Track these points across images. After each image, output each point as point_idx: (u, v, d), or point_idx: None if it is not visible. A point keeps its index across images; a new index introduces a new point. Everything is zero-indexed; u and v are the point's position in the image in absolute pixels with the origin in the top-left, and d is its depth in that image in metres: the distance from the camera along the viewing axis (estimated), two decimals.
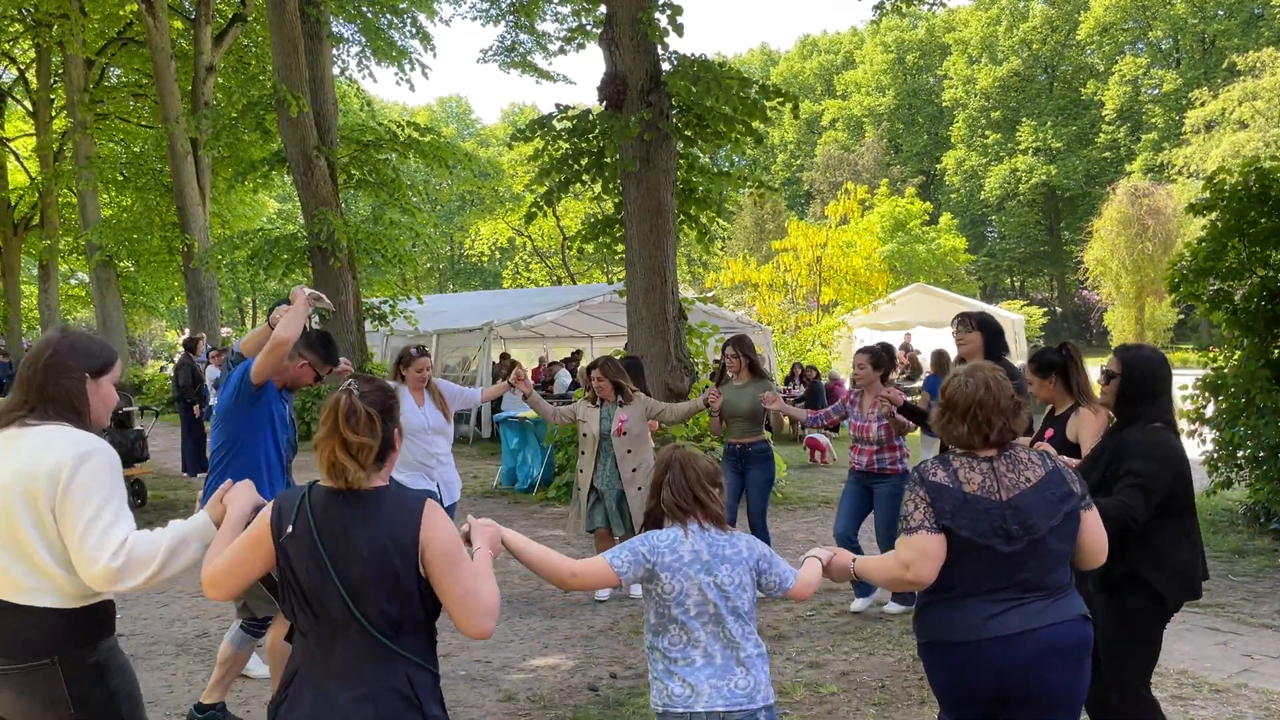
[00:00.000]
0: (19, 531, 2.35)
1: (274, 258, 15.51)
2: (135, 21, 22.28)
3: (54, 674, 2.35)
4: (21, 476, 2.36)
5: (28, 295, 32.05)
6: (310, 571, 2.23)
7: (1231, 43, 49.86)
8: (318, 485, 2.32)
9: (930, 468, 2.86)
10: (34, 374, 2.50)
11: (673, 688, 2.71)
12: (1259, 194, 8.19)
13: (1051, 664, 2.74)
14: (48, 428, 2.44)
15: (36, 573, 2.36)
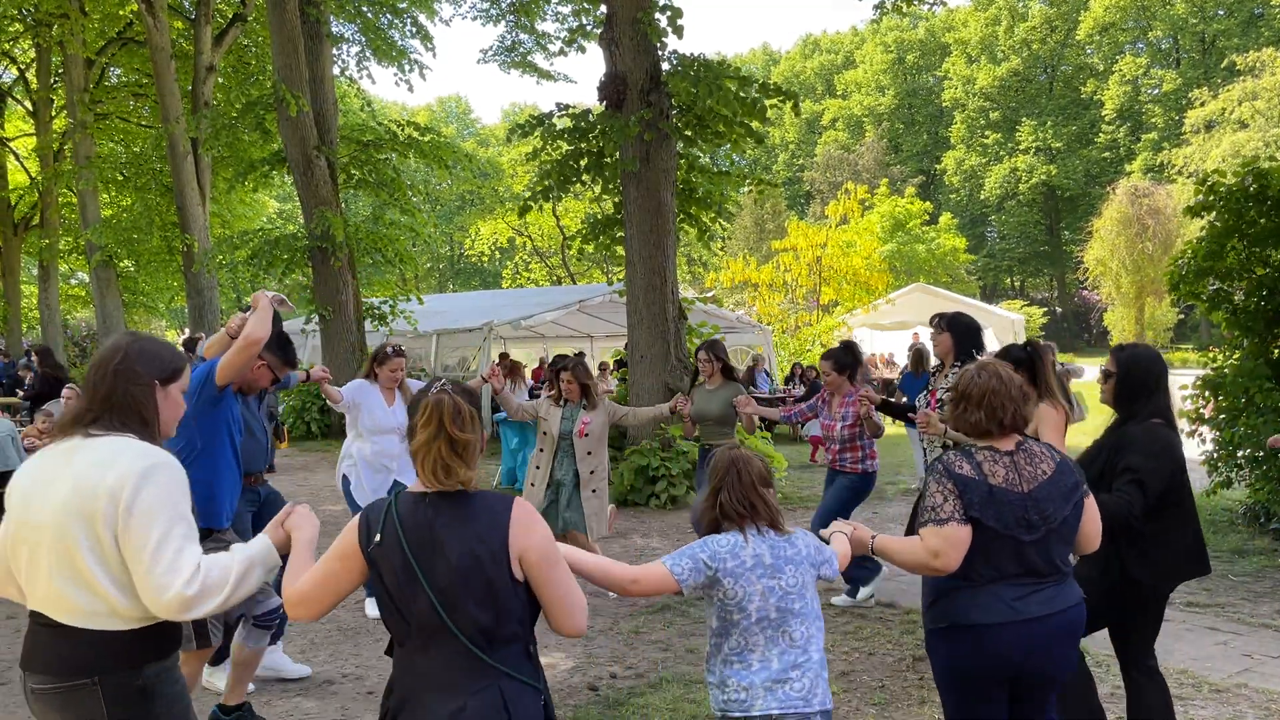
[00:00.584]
0: (76, 557, 2.23)
1: (274, 258, 15.51)
2: (135, 21, 22.27)
3: (95, 694, 2.24)
4: (80, 494, 2.24)
5: (28, 295, 32.03)
6: (401, 580, 2.19)
7: (1231, 42, 49.86)
8: (404, 491, 2.29)
9: (955, 461, 2.99)
10: (101, 379, 2.39)
11: (730, 692, 2.73)
12: (1257, 194, 8.20)
13: (1063, 643, 3.00)
14: (111, 439, 2.33)
15: (92, 595, 2.25)
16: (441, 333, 17.78)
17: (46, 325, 28.34)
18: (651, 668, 5.25)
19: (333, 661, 5.47)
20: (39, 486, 2.31)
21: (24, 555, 2.30)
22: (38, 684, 2.27)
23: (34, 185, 27.64)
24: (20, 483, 2.36)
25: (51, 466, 2.32)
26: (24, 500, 2.32)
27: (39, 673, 2.27)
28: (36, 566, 2.28)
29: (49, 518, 2.25)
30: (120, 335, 2.55)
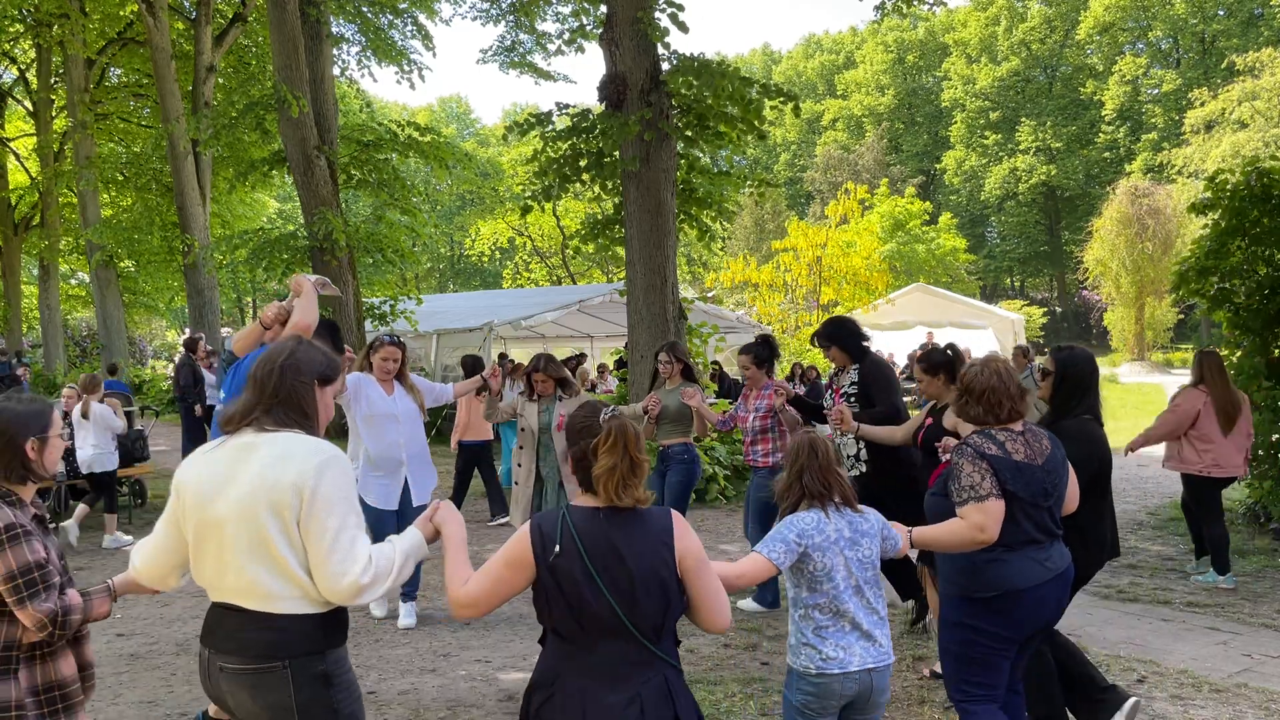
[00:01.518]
0: (270, 545, 2.36)
1: (274, 257, 15.52)
2: (135, 21, 22.27)
3: (285, 678, 2.37)
4: (265, 487, 2.37)
5: (28, 295, 32.03)
6: (579, 587, 2.38)
7: (1231, 43, 49.85)
8: (575, 506, 2.49)
9: (983, 443, 3.37)
10: (269, 375, 2.51)
11: (827, 652, 3.02)
12: (1260, 194, 8.21)
13: (1066, 593, 3.50)
14: (285, 435, 2.46)
15: (287, 581, 2.38)
16: (441, 333, 17.78)
17: (46, 325, 28.34)
18: None
19: None
20: (216, 481, 2.43)
21: (212, 549, 2.42)
22: (229, 663, 2.40)
23: (34, 185, 27.65)
24: (192, 478, 2.48)
25: (227, 462, 2.45)
26: (201, 496, 2.44)
27: (230, 654, 2.40)
28: (227, 557, 2.40)
29: (233, 510, 2.38)
30: (288, 339, 2.71)
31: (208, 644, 2.47)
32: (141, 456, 10.56)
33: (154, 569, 2.59)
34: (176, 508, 2.50)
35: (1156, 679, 4.93)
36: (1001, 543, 3.31)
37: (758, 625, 5.96)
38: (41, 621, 2.54)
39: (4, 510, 2.57)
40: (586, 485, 2.51)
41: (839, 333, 5.90)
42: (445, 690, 4.97)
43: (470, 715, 4.65)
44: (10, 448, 2.65)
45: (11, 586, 2.51)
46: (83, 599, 2.67)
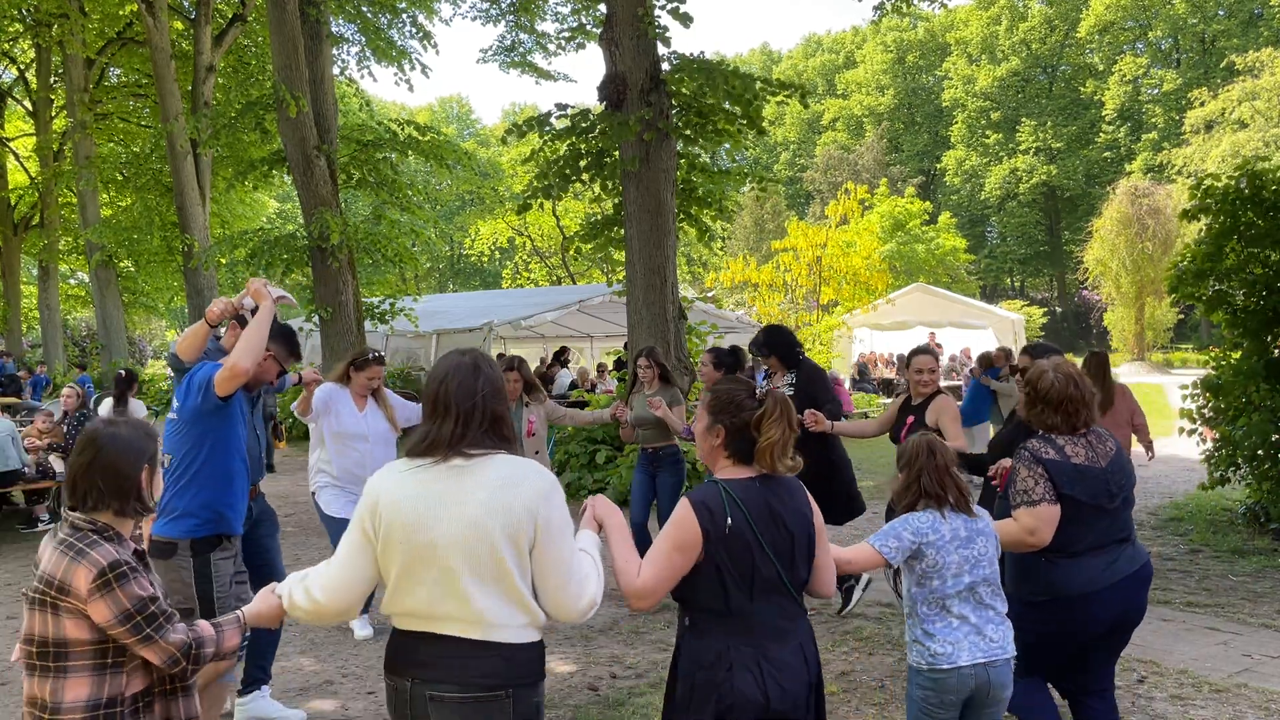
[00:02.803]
0: (506, 570, 2.28)
1: (274, 257, 15.51)
2: (135, 21, 22.27)
3: (505, 707, 2.29)
4: (498, 512, 2.27)
5: (28, 295, 32.03)
6: (751, 554, 2.54)
7: (1231, 43, 49.86)
8: (725, 479, 2.62)
9: (1040, 448, 3.45)
10: (467, 397, 2.38)
11: (934, 648, 3.12)
12: (1252, 196, 8.20)
13: (1144, 594, 3.51)
14: (498, 457, 2.36)
15: (518, 609, 2.31)
16: (441, 333, 17.79)
17: (46, 325, 28.34)
18: (651, 668, 5.25)
19: (333, 660, 5.47)
20: (432, 506, 2.29)
21: (429, 576, 2.29)
22: (445, 693, 2.28)
23: (34, 185, 27.65)
24: (398, 504, 2.32)
25: (438, 488, 2.31)
26: (416, 522, 2.29)
27: (448, 683, 2.28)
28: (450, 585, 2.28)
29: (460, 536, 2.26)
30: (470, 355, 2.51)
31: (411, 675, 2.32)
32: None
33: (341, 601, 2.39)
34: (370, 533, 2.34)
35: (1156, 679, 4.93)
36: (1062, 548, 3.38)
37: None
38: (173, 655, 2.40)
39: (107, 547, 2.40)
40: (742, 457, 2.64)
41: (776, 341, 6.23)
42: None
43: None
44: (130, 481, 2.49)
45: (131, 626, 2.36)
46: (214, 630, 2.51)
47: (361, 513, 2.36)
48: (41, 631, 2.39)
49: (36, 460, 9.37)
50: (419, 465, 2.34)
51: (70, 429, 9.51)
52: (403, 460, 2.40)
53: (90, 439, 2.51)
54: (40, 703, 2.40)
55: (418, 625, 2.34)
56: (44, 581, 2.39)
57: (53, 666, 2.38)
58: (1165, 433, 10.46)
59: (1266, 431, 7.91)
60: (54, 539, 2.47)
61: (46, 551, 2.45)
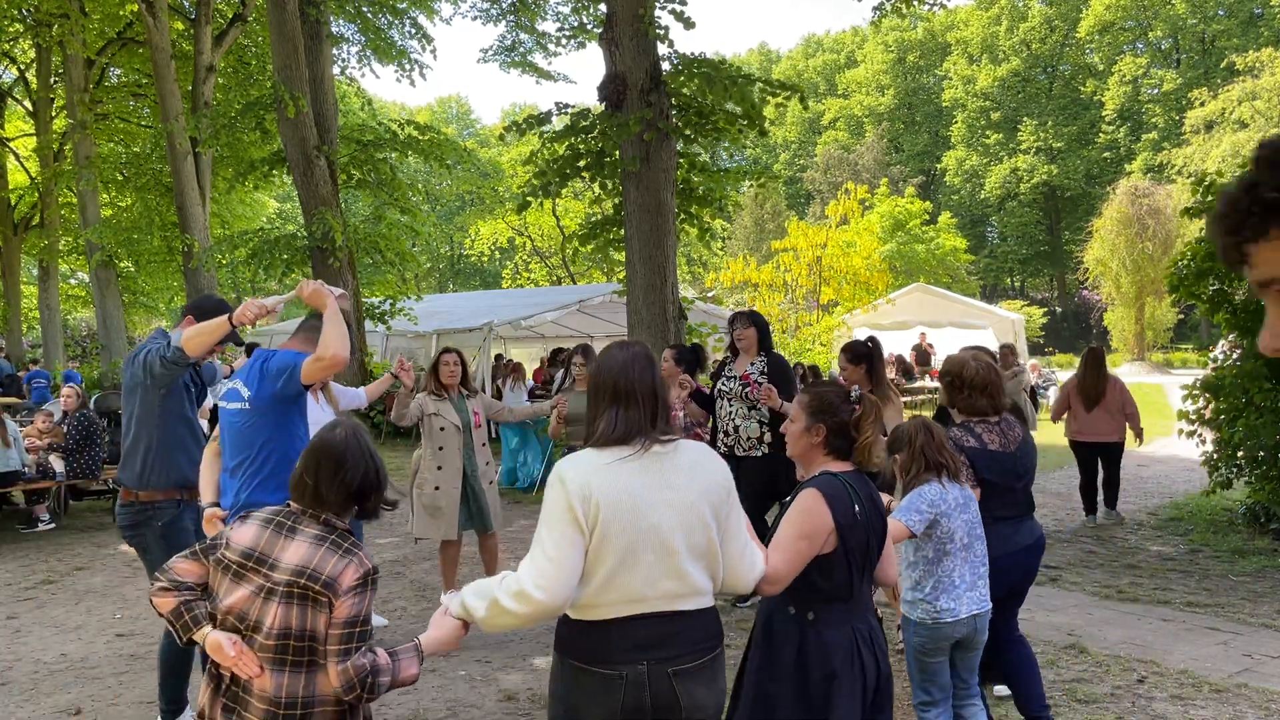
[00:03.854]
0: (712, 544, 2.45)
1: (274, 257, 15.52)
2: (135, 21, 22.25)
3: (722, 662, 2.52)
4: (706, 490, 2.44)
5: (28, 295, 32.02)
6: (864, 542, 2.78)
7: (1231, 43, 49.85)
8: (838, 472, 2.84)
9: (961, 436, 3.88)
10: (650, 387, 2.49)
11: (941, 604, 3.54)
12: None
13: (1037, 561, 4.10)
14: (683, 443, 2.52)
15: (712, 578, 2.49)
16: (441, 333, 17.77)
17: (46, 325, 28.33)
18: None
19: None
20: (647, 494, 2.38)
21: (649, 558, 2.37)
22: (685, 665, 2.40)
23: (34, 185, 27.63)
24: (615, 493, 2.36)
25: (651, 475, 2.41)
26: (634, 507, 2.36)
27: (685, 656, 2.41)
28: (668, 564, 2.39)
29: (678, 517, 2.39)
30: (636, 345, 2.62)
31: (643, 658, 2.36)
32: None
33: (562, 597, 2.36)
34: (582, 525, 2.35)
35: (1156, 679, 4.93)
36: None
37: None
38: (352, 681, 2.39)
39: (366, 556, 2.46)
40: (840, 454, 2.88)
41: (764, 324, 6.59)
42: (445, 690, 4.97)
43: (470, 715, 4.64)
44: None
45: (347, 634, 2.38)
46: (390, 659, 2.47)
47: (570, 506, 2.35)
48: (299, 625, 2.39)
49: (36, 460, 9.37)
50: (622, 455, 2.41)
51: (70, 429, 9.51)
52: (592, 451, 2.45)
53: (333, 447, 2.51)
54: (289, 699, 2.39)
55: (632, 609, 2.38)
56: (305, 575, 2.38)
57: (305, 660, 2.41)
58: (1165, 433, 10.46)
59: (1268, 433, 7.91)
60: (299, 536, 2.44)
61: (298, 546, 2.42)
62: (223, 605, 2.45)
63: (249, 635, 2.42)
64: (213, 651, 2.43)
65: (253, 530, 2.48)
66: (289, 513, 2.51)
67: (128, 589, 7.10)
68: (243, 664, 2.39)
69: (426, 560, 7.83)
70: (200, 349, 3.98)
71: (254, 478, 3.88)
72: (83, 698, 4.94)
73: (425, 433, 6.15)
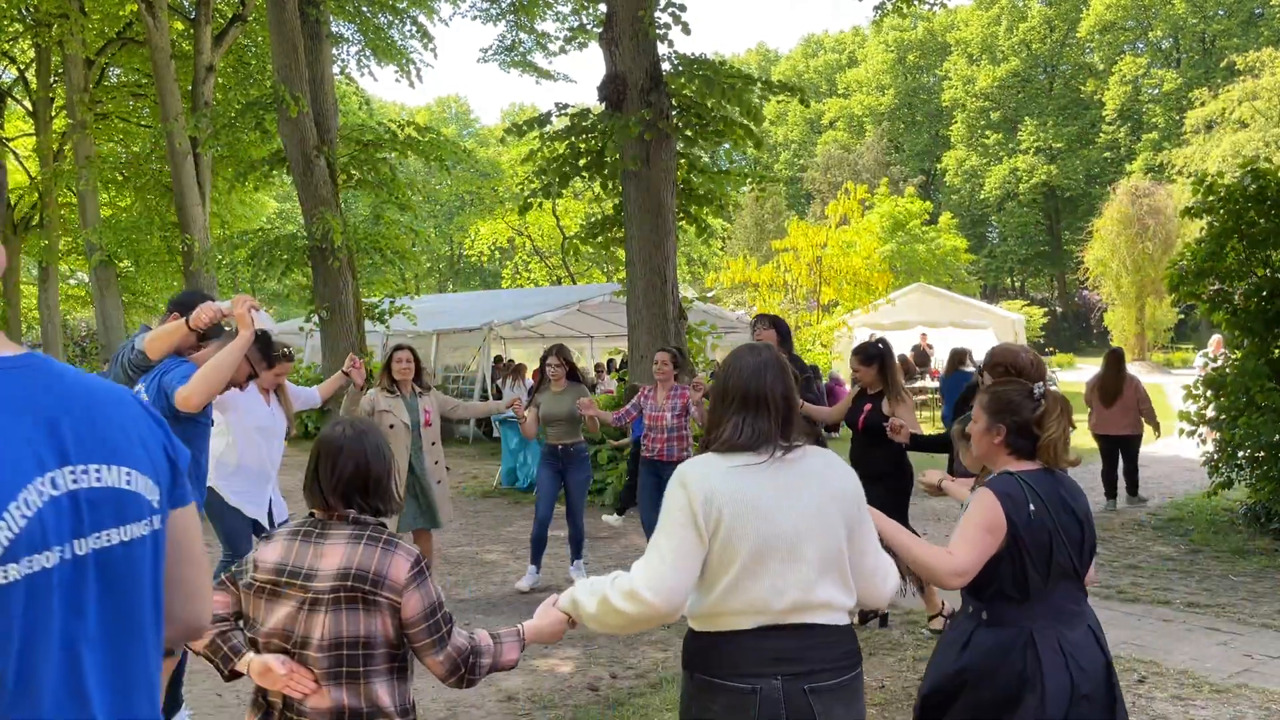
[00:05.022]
0: (842, 555, 2.36)
1: (274, 258, 15.51)
2: (135, 21, 22.24)
3: (861, 683, 2.41)
4: (836, 498, 2.37)
5: (27, 295, 32.03)
6: (1045, 542, 2.68)
7: (1231, 42, 49.86)
8: (1017, 471, 2.77)
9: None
10: (781, 392, 2.44)
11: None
12: (1256, 194, 8.19)
13: None
14: (810, 449, 2.44)
15: (846, 592, 2.38)
16: (441, 333, 17.78)
17: (46, 325, 28.33)
18: (652, 668, 5.24)
19: None
20: (776, 501, 2.31)
21: (774, 566, 2.29)
22: (823, 682, 2.29)
23: (34, 185, 27.61)
24: (740, 499, 2.30)
25: (779, 481, 2.34)
26: (761, 514, 2.29)
27: (823, 671, 2.30)
28: (795, 573, 2.30)
29: (806, 525, 2.31)
30: (764, 350, 2.55)
31: (776, 672, 2.27)
32: None
33: (675, 603, 2.31)
34: (703, 531, 2.29)
35: (1156, 679, 4.92)
36: None
37: None
38: (455, 662, 2.38)
39: (407, 544, 2.39)
40: (1023, 453, 2.80)
41: (785, 328, 6.58)
42: (444, 690, 4.96)
43: (470, 715, 4.64)
44: (385, 484, 2.48)
45: (431, 624, 2.33)
46: (493, 641, 2.47)
47: (690, 512, 2.29)
48: (351, 631, 2.27)
49: None
50: (749, 461, 2.34)
51: None
52: (714, 455, 2.38)
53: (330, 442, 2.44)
54: (353, 712, 2.29)
55: (759, 620, 2.30)
56: (351, 577, 2.27)
57: (361, 670, 2.29)
58: (1166, 433, 10.47)
59: (1269, 432, 7.90)
60: (330, 540, 2.34)
61: (333, 550, 2.32)
62: (265, 630, 2.33)
63: (298, 653, 2.30)
64: (260, 676, 2.31)
65: (279, 546, 2.38)
66: (314, 521, 2.42)
67: None
68: (296, 682, 2.28)
69: None
70: (160, 352, 3.89)
71: None
72: None
73: None
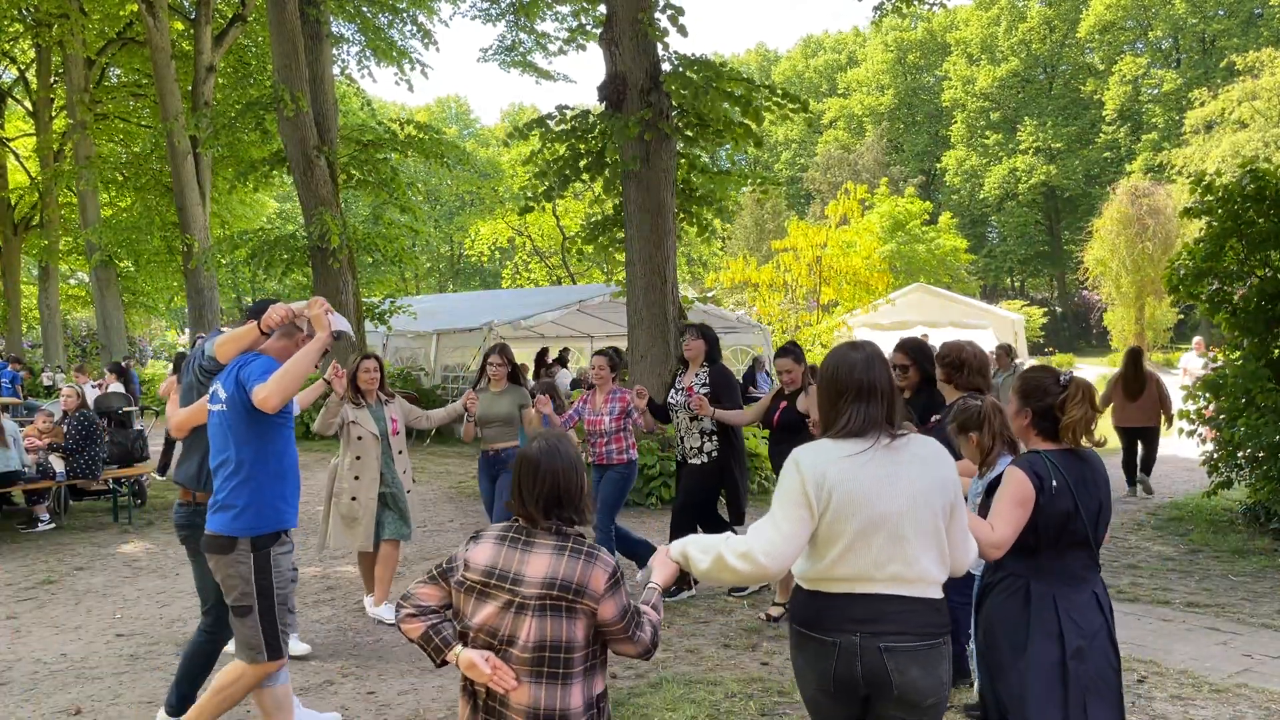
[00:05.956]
0: (939, 533, 2.61)
1: (274, 258, 15.52)
2: (135, 22, 22.28)
3: (945, 652, 2.61)
4: (937, 482, 2.60)
5: (28, 295, 32.03)
6: (1063, 513, 3.02)
7: (1231, 42, 49.88)
8: (1043, 450, 3.11)
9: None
10: (887, 383, 2.66)
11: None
12: (1255, 194, 8.19)
13: None
14: (914, 436, 2.68)
15: (941, 567, 2.63)
16: (441, 333, 17.78)
17: (46, 325, 28.35)
18: (652, 668, 5.25)
19: (332, 660, 5.47)
20: (881, 483, 2.56)
21: (879, 541, 2.55)
22: (899, 642, 2.54)
23: (34, 185, 27.65)
24: (850, 480, 2.54)
25: (885, 466, 2.58)
26: (869, 494, 2.54)
27: (901, 635, 2.55)
28: (898, 549, 2.56)
29: (909, 505, 2.56)
30: (866, 345, 2.78)
31: (856, 629, 2.55)
32: (141, 456, 10.56)
33: (782, 567, 2.59)
34: (814, 507, 2.55)
35: (1156, 679, 4.93)
36: None
37: (758, 626, 5.95)
38: (647, 645, 2.58)
39: (607, 555, 2.58)
40: (1048, 434, 3.13)
41: (713, 337, 6.78)
42: (445, 691, 4.97)
43: None
44: (583, 494, 2.65)
45: (626, 622, 2.53)
46: (654, 610, 2.69)
47: (804, 489, 2.55)
48: (554, 636, 2.47)
49: (36, 460, 9.36)
50: (859, 447, 2.58)
51: (70, 428, 9.50)
52: (829, 441, 2.63)
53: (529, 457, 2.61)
54: (547, 711, 2.48)
55: (858, 587, 2.57)
56: (556, 587, 2.47)
57: (560, 672, 2.49)
58: (1165, 433, 10.49)
59: (1268, 432, 7.91)
60: (536, 549, 2.52)
61: (539, 559, 2.51)
62: (474, 624, 2.54)
63: (503, 649, 2.51)
64: (467, 669, 2.55)
65: (489, 549, 2.57)
66: (520, 527, 2.60)
67: (127, 589, 7.10)
68: (499, 678, 2.49)
69: (426, 560, 7.84)
70: (229, 355, 3.90)
71: (229, 480, 3.81)
72: (82, 697, 4.94)
73: (343, 441, 6.04)
